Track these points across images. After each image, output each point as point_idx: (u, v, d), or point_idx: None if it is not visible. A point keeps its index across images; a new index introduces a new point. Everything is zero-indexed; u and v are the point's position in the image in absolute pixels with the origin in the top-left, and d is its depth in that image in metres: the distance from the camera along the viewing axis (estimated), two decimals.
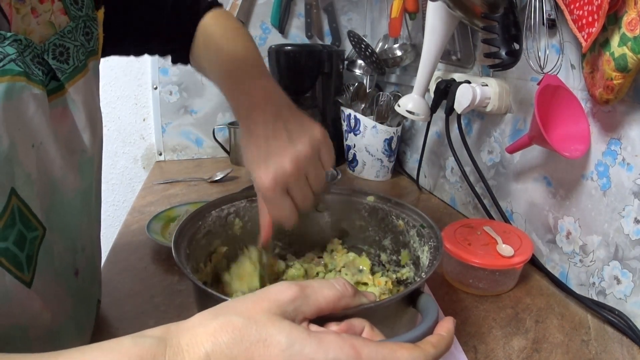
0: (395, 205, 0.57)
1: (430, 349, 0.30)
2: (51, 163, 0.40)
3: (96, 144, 0.47)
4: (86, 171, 0.45)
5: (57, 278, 0.42)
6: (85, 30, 0.44)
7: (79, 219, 0.45)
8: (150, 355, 0.26)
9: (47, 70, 0.39)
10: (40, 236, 0.39)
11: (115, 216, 1.41)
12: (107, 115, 1.32)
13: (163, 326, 0.29)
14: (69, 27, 0.42)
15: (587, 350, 0.53)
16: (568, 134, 0.62)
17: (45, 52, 0.39)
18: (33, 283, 0.37)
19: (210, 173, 1.14)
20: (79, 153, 0.44)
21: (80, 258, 0.46)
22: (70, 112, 0.42)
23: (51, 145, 0.39)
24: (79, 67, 0.43)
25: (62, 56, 0.41)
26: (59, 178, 0.41)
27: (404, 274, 0.56)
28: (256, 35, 1.30)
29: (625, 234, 0.56)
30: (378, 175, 1.14)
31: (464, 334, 0.55)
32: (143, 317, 0.58)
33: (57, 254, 0.42)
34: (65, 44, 0.41)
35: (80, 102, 0.43)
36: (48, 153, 0.39)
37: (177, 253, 0.44)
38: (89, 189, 0.47)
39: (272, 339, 0.27)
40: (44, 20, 0.39)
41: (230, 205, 0.57)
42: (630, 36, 0.48)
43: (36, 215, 0.38)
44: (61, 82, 0.41)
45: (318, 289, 0.32)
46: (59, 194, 0.41)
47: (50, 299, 0.40)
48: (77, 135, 0.43)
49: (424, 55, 0.79)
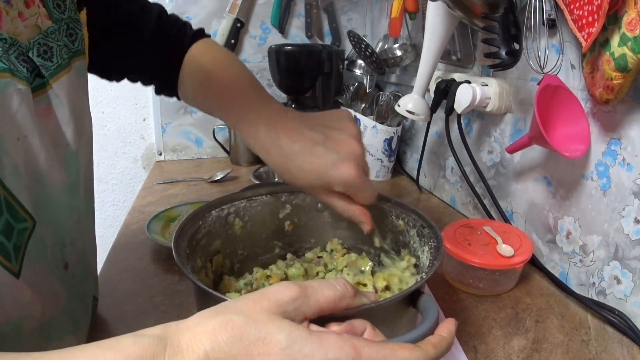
0: (395, 205, 0.57)
1: (430, 350, 0.30)
2: (36, 156, 0.40)
3: (82, 139, 0.47)
4: (72, 165, 0.46)
5: (47, 270, 0.42)
6: (69, 31, 0.45)
7: (66, 213, 0.45)
8: (150, 354, 0.26)
9: (32, 67, 0.40)
10: (30, 228, 0.39)
11: (115, 216, 1.41)
12: (107, 115, 1.33)
13: (163, 325, 0.29)
14: (52, 29, 0.43)
15: (587, 350, 0.53)
16: (568, 134, 0.62)
17: (29, 50, 0.40)
18: (21, 274, 0.37)
19: (210, 173, 1.14)
20: (63, 147, 0.44)
21: (69, 252, 0.46)
22: (53, 107, 0.43)
23: (36, 139, 0.40)
24: (62, 65, 0.43)
25: (46, 54, 0.42)
26: (44, 171, 0.41)
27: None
28: (256, 35, 1.30)
29: (625, 234, 0.56)
30: (378, 175, 1.14)
31: (464, 334, 0.55)
32: (143, 317, 0.58)
33: (48, 247, 0.42)
34: (48, 44, 0.42)
35: (64, 97, 0.43)
36: (33, 146, 0.40)
37: (177, 253, 0.44)
38: (76, 184, 0.47)
39: (272, 337, 0.27)
40: (30, 23, 0.41)
41: (230, 205, 0.57)
42: (630, 36, 0.48)
43: (25, 206, 0.38)
44: (45, 79, 0.42)
45: (319, 289, 0.32)
46: (45, 187, 0.42)
47: (40, 291, 0.40)
48: (61, 130, 0.44)
49: (424, 55, 0.79)
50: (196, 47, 0.59)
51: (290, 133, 0.49)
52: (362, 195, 0.50)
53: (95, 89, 1.29)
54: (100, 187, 1.38)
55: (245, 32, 1.30)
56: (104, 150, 1.35)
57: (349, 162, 0.47)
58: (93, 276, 0.56)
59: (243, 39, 1.30)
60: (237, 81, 0.55)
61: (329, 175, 0.47)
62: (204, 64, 0.58)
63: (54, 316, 0.43)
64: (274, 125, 0.50)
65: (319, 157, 0.47)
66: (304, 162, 0.48)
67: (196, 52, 0.59)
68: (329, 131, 0.49)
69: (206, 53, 0.59)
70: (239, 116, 0.53)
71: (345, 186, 0.48)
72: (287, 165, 0.49)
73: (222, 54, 0.59)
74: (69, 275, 0.46)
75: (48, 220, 0.42)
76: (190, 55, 0.58)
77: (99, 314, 0.59)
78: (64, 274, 0.45)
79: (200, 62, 0.58)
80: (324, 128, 0.50)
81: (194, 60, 0.58)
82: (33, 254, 0.39)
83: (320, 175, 0.48)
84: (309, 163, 0.48)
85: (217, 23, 1.26)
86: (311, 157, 0.48)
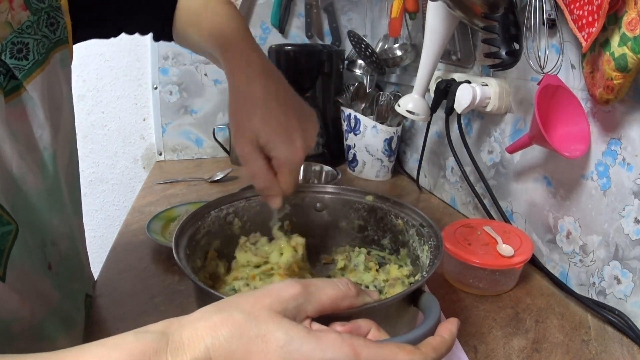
0: (394, 204, 0.57)
1: (430, 353, 0.30)
2: (9, 162, 0.40)
3: (60, 139, 0.46)
4: (49, 169, 0.45)
5: (31, 272, 0.42)
6: (50, 21, 0.44)
7: (45, 215, 0.45)
8: (153, 350, 0.26)
9: (6, 70, 0.39)
10: (15, 231, 0.39)
11: (115, 216, 1.41)
12: (107, 116, 1.33)
13: (165, 321, 0.29)
14: (29, 22, 0.41)
15: (587, 350, 0.53)
16: (568, 134, 0.62)
17: (2, 53, 0.39)
18: (6, 277, 0.37)
19: (210, 173, 1.14)
20: (39, 151, 0.44)
21: (51, 252, 0.46)
22: (27, 111, 0.42)
23: (6, 144, 0.39)
24: (39, 61, 0.42)
25: (21, 53, 0.41)
26: (18, 177, 0.41)
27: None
28: (256, 35, 1.30)
29: (625, 234, 0.56)
30: (378, 175, 1.14)
31: (464, 334, 0.55)
32: (143, 317, 0.58)
33: (30, 249, 0.42)
34: (24, 40, 0.41)
35: (38, 99, 0.42)
36: (4, 152, 0.39)
37: (177, 253, 0.44)
38: (56, 186, 0.46)
39: (271, 335, 0.27)
40: (0, 21, 0.39)
41: (229, 205, 0.57)
42: (630, 36, 0.48)
43: (6, 209, 0.38)
44: (19, 81, 0.41)
45: (321, 287, 0.32)
46: (21, 191, 0.41)
47: (26, 293, 0.40)
48: (36, 134, 0.43)
49: (424, 55, 0.79)
50: None
51: (279, 85, 0.52)
52: (288, 179, 0.51)
53: (95, 89, 1.29)
54: (100, 187, 1.38)
55: None
56: (104, 151, 1.35)
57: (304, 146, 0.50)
58: (83, 274, 0.55)
59: None
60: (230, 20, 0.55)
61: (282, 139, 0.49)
62: (195, 7, 0.57)
63: (44, 317, 0.43)
64: (267, 70, 0.52)
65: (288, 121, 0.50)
66: (272, 113, 0.49)
67: None
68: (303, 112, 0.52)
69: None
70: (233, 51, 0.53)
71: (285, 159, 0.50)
72: (255, 105, 0.50)
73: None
74: (53, 274, 0.46)
75: (27, 222, 0.41)
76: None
77: (99, 314, 0.59)
78: (49, 274, 0.45)
79: (192, 6, 0.58)
80: (302, 105, 0.52)
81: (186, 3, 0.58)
82: (16, 256, 0.39)
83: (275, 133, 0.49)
84: (277, 118, 0.49)
85: None
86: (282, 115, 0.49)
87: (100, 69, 1.27)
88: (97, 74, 1.28)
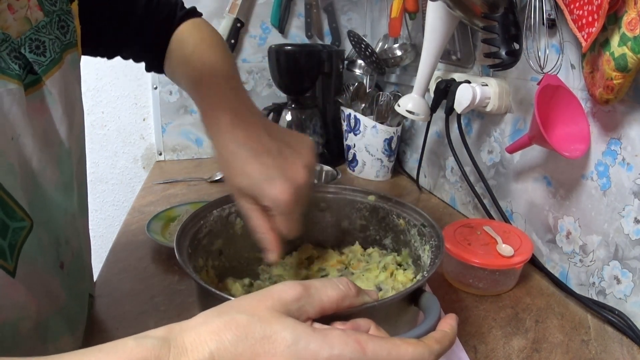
0: (396, 204, 0.57)
1: (434, 345, 0.31)
2: (29, 156, 0.40)
3: (74, 135, 0.47)
4: (65, 164, 0.45)
5: (43, 270, 0.42)
6: (61, 24, 0.45)
7: (61, 212, 0.45)
8: (154, 357, 0.25)
9: (25, 64, 0.40)
10: (28, 227, 0.39)
11: (115, 216, 1.41)
12: (107, 115, 1.33)
13: (166, 326, 0.28)
14: (43, 22, 0.42)
15: (587, 350, 0.53)
16: (568, 134, 0.62)
17: (22, 46, 0.40)
18: (17, 273, 0.37)
19: (210, 173, 1.14)
20: (57, 145, 0.44)
21: (64, 251, 0.46)
22: (47, 105, 0.43)
23: (28, 138, 0.40)
24: (55, 59, 0.43)
25: (39, 49, 0.41)
26: (38, 171, 0.41)
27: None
28: (256, 35, 1.30)
29: (625, 234, 0.56)
30: (378, 175, 1.14)
31: (464, 334, 0.55)
32: (143, 317, 0.58)
33: (44, 246, 0.42)
34: (40, 38, 0.42)
35: (57, 94, 0.43)
36: (26, 146, 0.40)
37: (179, 253, 0.44)
38: (70, 182, 0.47)
39: (277, 335, 0.27)
40: (20, 16, 0.40)
41: (231, 205, 0.57)
42: (630, 36, 0.48)
43: (22, 206, 0.38)
44: (39, 75, 0.41)
45: (322, 288, 0.32)
46: (39, 187, 0.42)
47: (35, 290, 0.40)
48: (54, 128, 0.44)
49: (424, 55, 0.79)
50: (184, 26, 0.59)
51: (249, 132, 0.47)
52: (285, 223, 0.47)
53: (95, 88, 1.29)
54: (100, 187, 1.38)
55: (245, 32, 1.30)
56: (104, 150, 1.35)
57: (287, 184, 0.45)
58: (89, 274, 0.56)
59: (243, 39, 1.30)
60: (214, 66, 0.54)
61: (262, 186, 0.45)
62: (187, 43, 0.58)
63: (50, 316, 0.43)
64: (237, 119, 0.48)
65: (263, 165, 0.45)
66: (246, 164, 0.46)
67: (183, 30, 0.59)
68: (285, 148, 0.47)
69: (192, 33, 0.59)
70: (207, 102, 0.52)
71: (272, 204, 0.45)
72: (230, 160, 0.47)
73: (208, 35, 0.59)
74: (64, 274, 0.46)
75: (43, 219, 0.42)
76: (178, 33, 0.59)
77: (99, 314, 0.59)
78: (60, 273, 0.45)
79: (184, 42, 0.58)
80: (282, 143, 0.48)
81: (180, 39, 0.58)
82: (29, 253, 0.39)
83: (255, 182, 0.45)
84: (251, 166, 0.46)
85: (217, 23, 1.26)
86: (255, 162, 0.46)
87: (100, 68, 1.27)
88: (97, 74, 1.28)
